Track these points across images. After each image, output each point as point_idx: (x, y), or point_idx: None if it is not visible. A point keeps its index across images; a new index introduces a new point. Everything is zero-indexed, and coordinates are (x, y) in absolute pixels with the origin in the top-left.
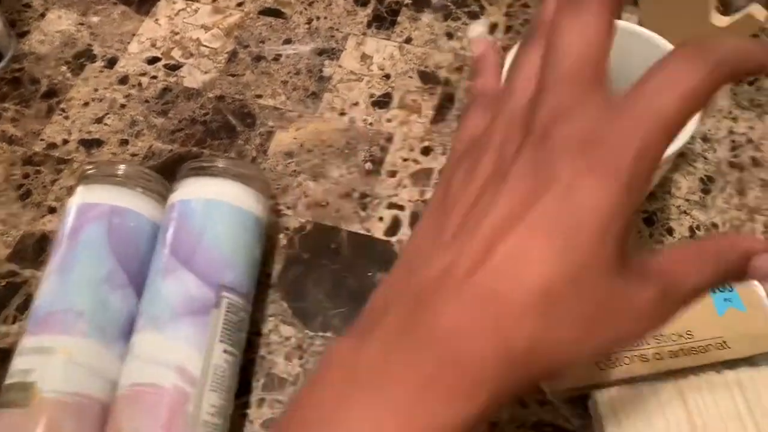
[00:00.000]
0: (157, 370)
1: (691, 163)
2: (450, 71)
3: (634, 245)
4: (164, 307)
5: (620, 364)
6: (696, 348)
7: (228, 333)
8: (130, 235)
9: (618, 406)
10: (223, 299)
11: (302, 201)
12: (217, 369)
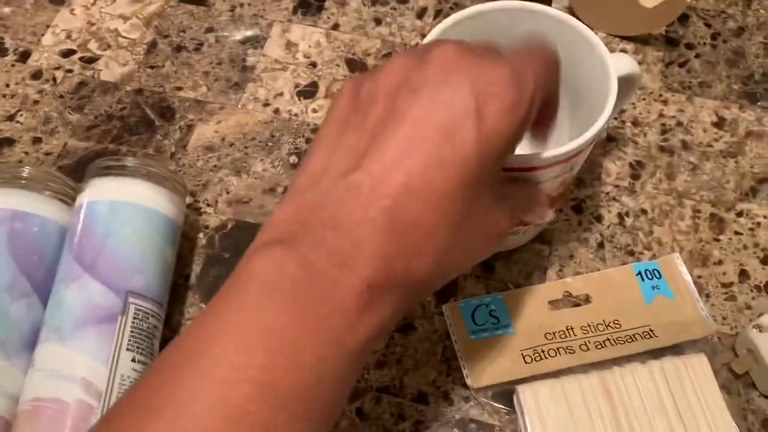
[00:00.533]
0: (60, 384)
1: (621, 148)
2: (378, 58)
3: (563, 232)
4: (68, 316)
5: (546, 357)
6: (623, 338)
7: (137, 341)
8: (33, 240)
9: (540, 400)
10: (130, 306)
11: (223, 197)
12: (124, 380)
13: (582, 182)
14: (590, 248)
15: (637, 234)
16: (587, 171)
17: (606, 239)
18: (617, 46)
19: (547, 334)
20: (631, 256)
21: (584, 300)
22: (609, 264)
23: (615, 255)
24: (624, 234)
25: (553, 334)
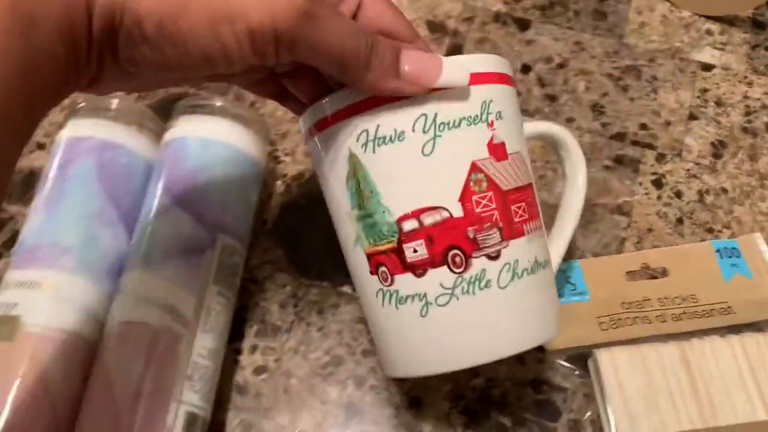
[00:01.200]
0: (148, 309)
1: (703, 127)
2: (459, 21)
3: (642, 205)
4: (157, 245)
5: (622, 326)
6: (700, 312)
7: (222, 276)
8: (121, 171)
9: (619, 365)
10: (218, 241)
11: (301, 148)
12: (210, 311)
13: (662, 157)
14: (669, 223)
15: (716, 212)
16: (668, 147)
17: (685, 215)
18: (702, 26)
19: (624, 304)
20: (710, 234)
21: (661, 273)
22: (687, 240)
23: (694, 231)
24: (704, 211)
25: (630, 304)
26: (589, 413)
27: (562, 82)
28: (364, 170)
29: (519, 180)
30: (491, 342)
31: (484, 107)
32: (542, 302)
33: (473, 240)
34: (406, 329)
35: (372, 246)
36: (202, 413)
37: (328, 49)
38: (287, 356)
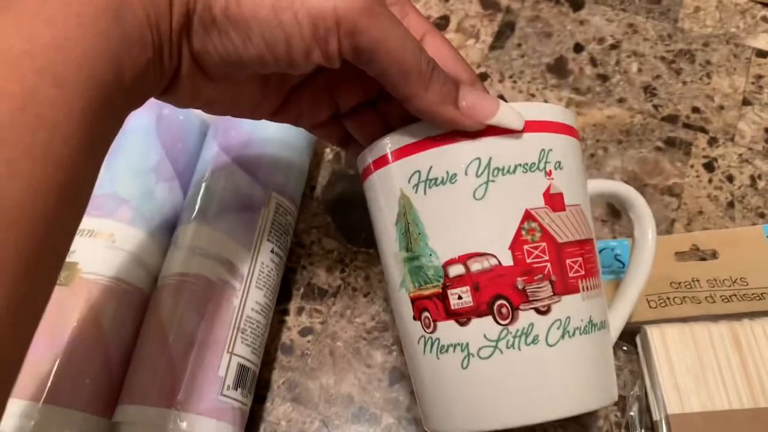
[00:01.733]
0: (204, 262)
1: (757, 113)
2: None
3: (693, 188)
4: (213, 200)
5: (671, 305)
6: (750, 295)
7: (275, 234)
8: (179, 128)
9: (669, 340)
10: (272, 199)
11: None
12: (263, 267)
13: (714, 141)
14: (720, 206)
15: None
16: (720, 131)
17: (736, 199)
18: (758, 13)
19: (673, 283)
20: (762, 218)
21: (711, 255)
22: (738, 223)
23: (745, 215)
24: (755, 196)
25: (679, 284)
26: (635, 389)
27: (614, 63)
28: (413, 211)
29: (577, 234)
30: (534, 403)
31: (543, 155)
32: (595, 366)
33: (522, 291)
34: (447, 381)
35: (417, 290)
36: (252, 366)
37: (390, 50)
38: (333, 319)
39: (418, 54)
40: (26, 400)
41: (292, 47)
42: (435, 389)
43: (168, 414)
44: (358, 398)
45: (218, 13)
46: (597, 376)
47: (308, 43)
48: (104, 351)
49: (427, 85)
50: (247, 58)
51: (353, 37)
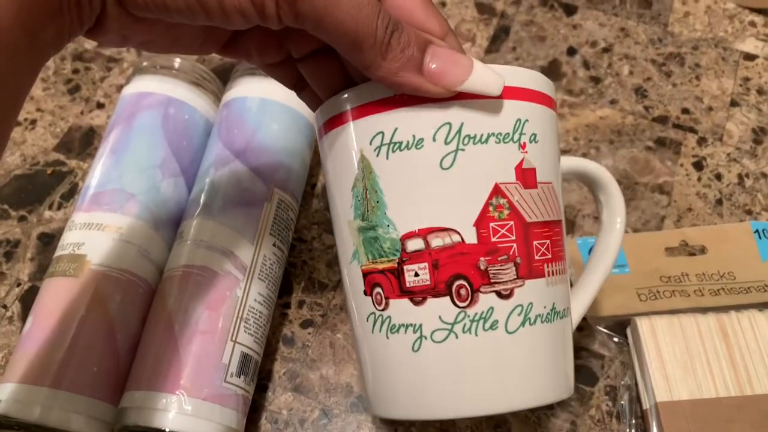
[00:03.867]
0: (209, 254)
1: (745, 114)
2: (507, 4)
3: (683, 185)
4: (218, 196)
5: (660, 298)
6: (737, 289)
7: (278, 228)
8: (183, 126)
9: (658, 330)
10: (275, 195)
11: None
12: (265, 260)
13: (704, 141)
14: (708, 203)
15: (756, 195)
16: (709, 132)
17: (725, 197)
18: (746, 17)
19: (662, 277)
20: (749, 215)
21: (700, 250)
22: (726, 220)
23: (733, 212)
24: (743, 194)
25: (669, 277)
26: (626, 379)
27: (606, 66)
28: (373, 176)
29: (547, 214)
30: (488, 394)
31: (518, 126)
32: (554, 357)
33: (484, 272)
34: (395, 363)
35: (370, 263)
36: (255, 355)
37: (338, 19)
38: (333, 312)
39: (374, 19)
40: (35, 385)
41: (225, 4)
42: (382, 371)
43: (173, 399)
44: (357, 388)
45: None
46: (555, 368)
47: (242, 2)
48: (111, 339)
49: (385, 52)
50: (174, 8)
51: (294, 6)
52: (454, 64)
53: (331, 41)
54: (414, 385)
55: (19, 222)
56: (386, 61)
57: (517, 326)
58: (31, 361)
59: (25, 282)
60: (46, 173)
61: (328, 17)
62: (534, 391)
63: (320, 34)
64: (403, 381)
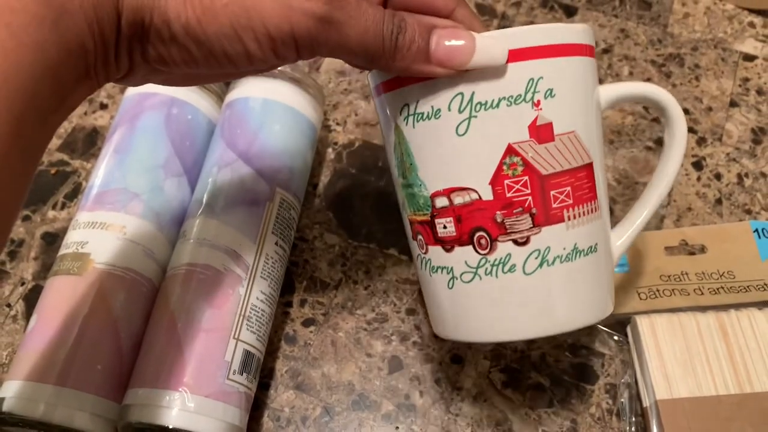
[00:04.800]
0: (212, 253)
1: (744, 114)
2: (507, 5)
3: (682, 185)
4: (220, 195)
5: (660, 296)
6: (737, 287)
7: (280, 227)
8: (186, 127)
9: (657, 329)
10: (277, 194)
11: (352, 119)
12: (268, 259)
13: (703, 141)
14: (708, 203)
15: (755, 195)
16: (709, 132)
17: (724, 196)
18: (745, 18)
19: (662, 276)
20: (749, 215)
21: (699, 250)
22: (726, 220)
23: (732, 212)
24: (742, 193)
25: (668, 276)
26: (626, 377)
27: (606, 67)
28: (405, 143)
29: (567, 163)
30: (509, 323)
31: (531, 85)
32: (577, 290)
33: (500, 224)
34: (438, 295)
35: (412, 214)
36: (257, 353)
37: (349, 47)
38: (335, 311)
39: (379, 35)
40: (40, 382)
41: (253, 59)
42: (432, 300)
43: (176, 396)
44: (359, 386)
45: (178, 29)
46: (577, 300)
47: (268, 56)
48: (115, 337)
49: (394, 55)
50: (206, 66)
51: (312, 50)
52: (457, 46)
53: (346, 61)
54: (451, 314)
55: (23, 221)
56: (396, 61)
57: (535, 268)
58: (35, 358)
59: (29, 281)
60: (50, 173)
61: (342, 51)
62: (550, 321)
63: (338, 58)
64: (444, 309)
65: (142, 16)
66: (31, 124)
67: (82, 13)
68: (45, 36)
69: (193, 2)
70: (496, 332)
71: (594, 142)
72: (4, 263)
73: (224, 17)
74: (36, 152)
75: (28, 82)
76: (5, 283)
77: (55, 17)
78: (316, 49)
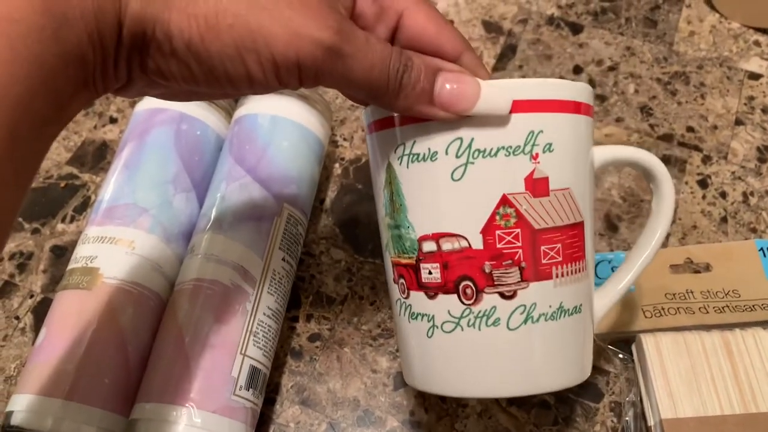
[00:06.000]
0: (219, 268)
1: (749, 133)
2: (514, 23)
3: (687, 203)
4: (229, 210)
5: (665, 315)
6: (742, 306)
7: (287, 242)
8: (195, 142)
9: (662, 348)
10: (285, 210)
11: (359, 134)
12: (275, 274)
13: (708, 159)
14: (713, 221)
15: (760, 213)
16: (714, 150)
17: (729, 215)
18: (751, 37)
19: (667, 294)
20: (754, 233)
21: (704, 268)
22: (731, 238)
23: (737, 230)
24: (747, 212)
25: (674, 295)
26: (631, 396)
27: (612, 84)
28: (397, 182)
29: (560, 219)
30: (487, 379)
31: (530, 138)
32: (557, 351)
33: (488, 275)
34: (414, 343)
35: (397, 256)
36: (263, 369)
37: (354, 80)
38: (341, 326)
39: (385, 72)
40: (48, 396)
41: (254, 81)
42: (406, 347)
43: (183, 411)
44: (364, 402)
45: (179, 44)
46: (557, 361)
47: (270, 81)
48: (123, 351)
49: (398, 93)
50: (206, 84)
51: (315, 79)
52: (461, 91)
53: (346, 95)
54: (427, 364)
55: (33, 234)
56: (399, 100)
57: (519, 324)
58: (43, 372)
59: (38, 294)
60: (60, 186)
61: (345, 84)
62: (529, 380)
63: (340, 90)
64: (421, 359)
65: (144, 27)
66: (26, 136)
67: (83, 23)
68: (44, 47)
69: (198, 19)
70: (472, 387)
71: (586, 202)
72: (13, 276)
73: (228, 37)
74: (31, 164)
75: (24, 94)
76: (14, 295)
77: (56, 27)
78: (319, 79)
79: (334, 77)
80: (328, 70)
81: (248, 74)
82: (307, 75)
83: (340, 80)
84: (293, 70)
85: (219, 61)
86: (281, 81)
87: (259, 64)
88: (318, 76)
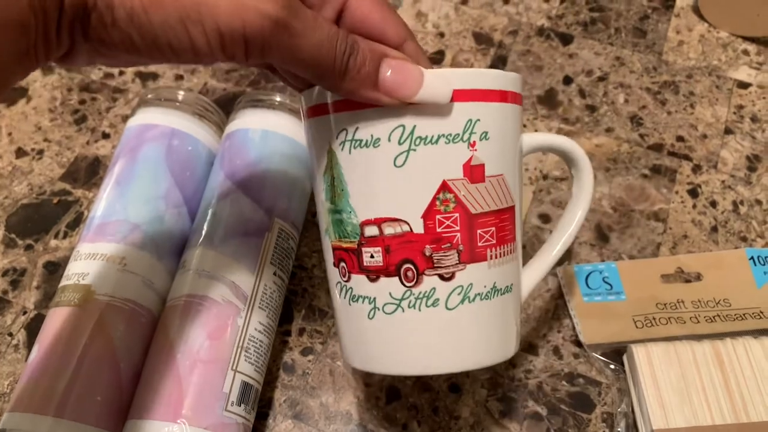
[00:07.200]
0: (210, 284)
1: (739, 141)
2: (504, 34)
3: (678, 213)
4: (219, 226)
5: (657, 325)
6: (733, 315)
7: (278, 257)
8: (187, 158)
9: (653, 358)
10: (276, 224)
11: None
12: (266, 289)
13: (698, 168)
14: (704, 230)
15: (750, 222)
16: (704, 159)
17: (720, 224)
18: (740, 46)
19: (658, 304)
20: (744, 242)
21: (695, 277)
22: (721, 247)
23: (728, 239)
24: (738, 221)
25: (665, 305)
26: (622, 406)
27: (602, 94)
28: (338, 168)
29: (494, 204)
30: (427, 358)
31: (468, 126)
32: (492, 327)
33: (428, 258)
34: (355, 325)
35: (337, 241)
36: (255, 384)
37: (301, 57)
38: (333, 340)
39: (332, 52)
40: (39, 414)
41: (199, 53)
42: (347, 329)
43: (175, 428)
44: (357, 415)
45: (121, 15)
46: (491, 338)
47: (215, 52)
48: (115, 368)
49: (343, 75)
50: (148, 55)
51: (262, 53)
52: (405, 78)
53: (296, 72)
54: (368, 345)
55: (26, 251)
56: (344, 82)
57: (456, 304)
58: (35, 389)
59: (31, 310)
60: (52, 202)
61: (292, 60)
62: (465, 357)
63: (284, 66)
64: (360, 340)
65: None
66: None
67: None
68: None
69: None
70: (413, 365)
71: (516, 186)
72: (6, 292)
73: (172, 8)
74: None
75: None
76: (7, 312)
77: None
78: (266, 53)
79: (281, 52)
80: (276, 44)
81: (192, 45)
82: (253, 47)
83: (286, 56)
84: (239, 41)
85: (162, 31)
86: (226, 52)
87: (204, 35)
88: (264, 50)
